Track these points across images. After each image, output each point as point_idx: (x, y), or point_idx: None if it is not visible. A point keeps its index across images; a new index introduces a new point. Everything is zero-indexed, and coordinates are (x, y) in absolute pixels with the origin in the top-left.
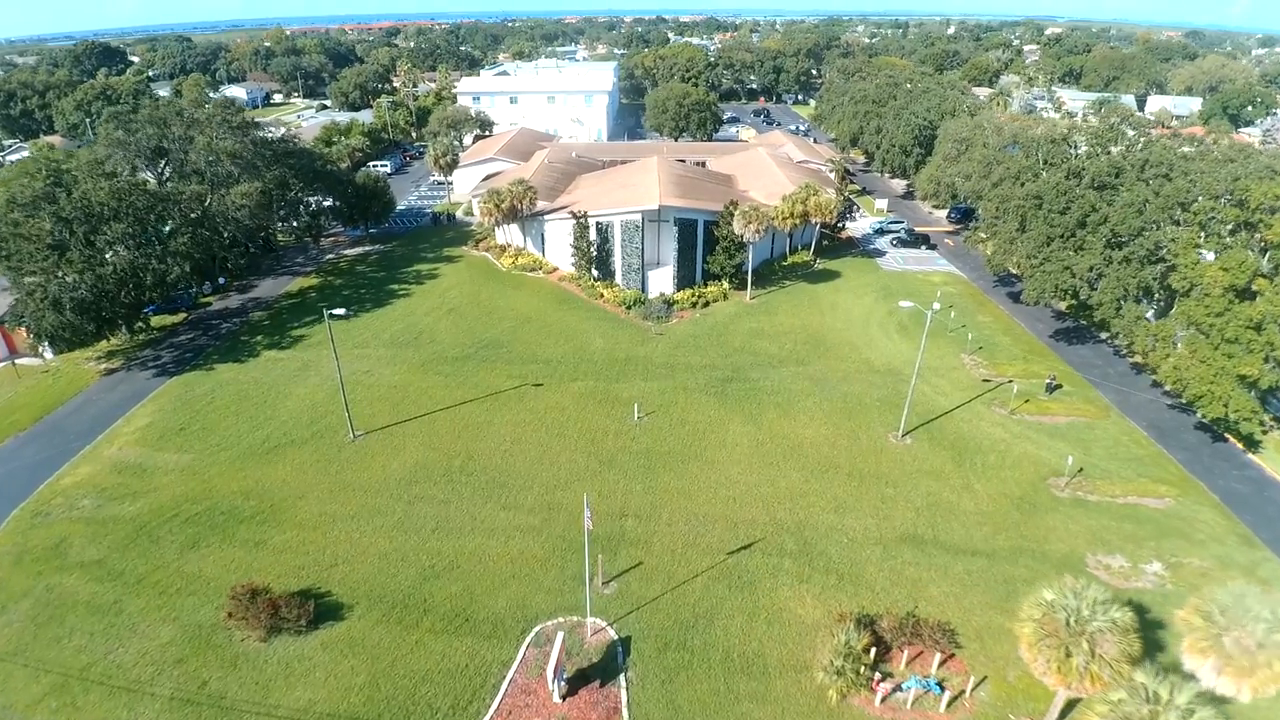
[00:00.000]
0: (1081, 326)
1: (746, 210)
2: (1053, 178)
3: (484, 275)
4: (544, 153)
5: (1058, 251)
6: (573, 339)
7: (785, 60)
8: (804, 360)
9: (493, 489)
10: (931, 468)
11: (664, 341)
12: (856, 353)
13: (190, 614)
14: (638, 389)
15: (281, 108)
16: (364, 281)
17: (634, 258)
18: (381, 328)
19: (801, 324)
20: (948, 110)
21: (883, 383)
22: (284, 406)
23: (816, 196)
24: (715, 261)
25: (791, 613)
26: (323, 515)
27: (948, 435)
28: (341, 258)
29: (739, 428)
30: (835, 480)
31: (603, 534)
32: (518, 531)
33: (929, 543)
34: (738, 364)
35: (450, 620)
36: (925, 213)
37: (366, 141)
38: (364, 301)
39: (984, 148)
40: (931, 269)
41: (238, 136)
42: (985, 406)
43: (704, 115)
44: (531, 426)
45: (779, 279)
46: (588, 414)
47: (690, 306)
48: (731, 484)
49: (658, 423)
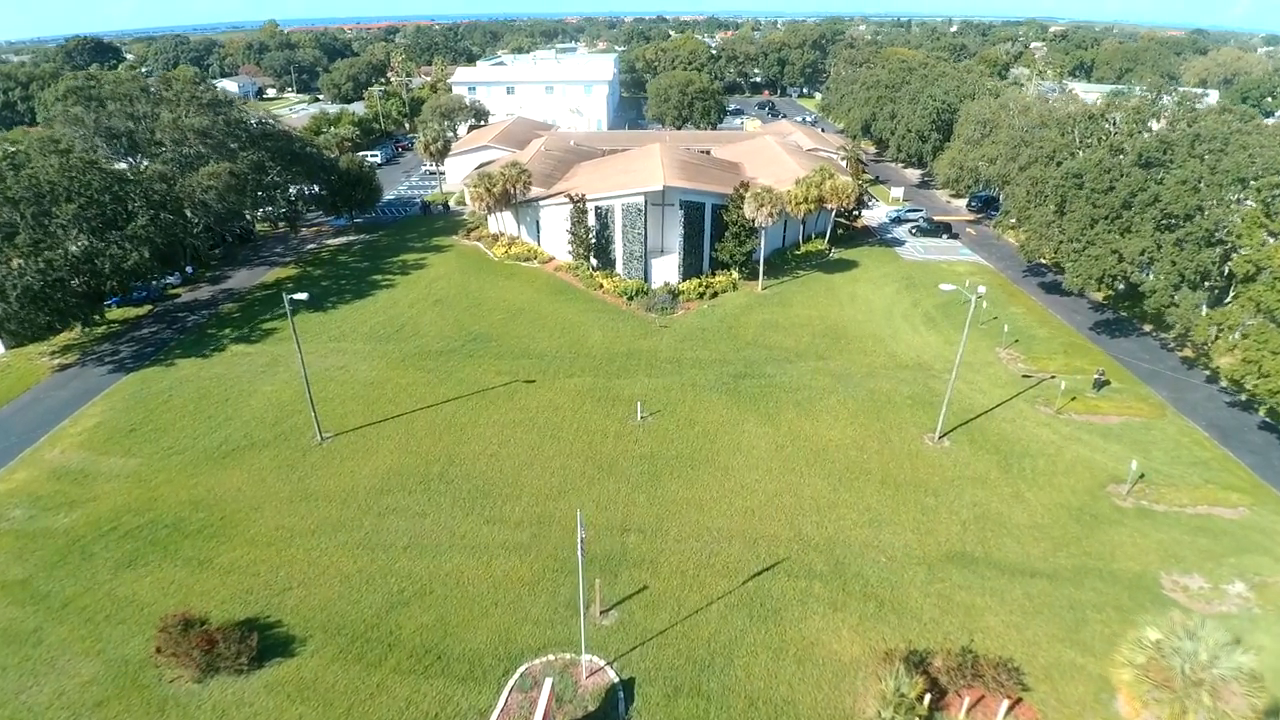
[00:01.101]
0: (1123, 318)
1: (759, 192)
2: (1094, 155)
3: (474, 265)
4: (540, 141)
5: (1103, 234)
6: (569, 332)
7: (790, 52)
8: (824, 354)
9: (475, 499)
10: (975, 473)
11: (669, 334)
12: (881, 346)
13: (118, 646)
14: (640, 386)
15: (274, 102)
16: (345, 272)
17: (636, 245)
18: (360, 320)
19: (819, 316)
20: (967, 93)
21: (912, 379)
22: (247, 405)
23: (833, 180)
24: (724, 249)
25: (825, 648)
26: (279, 529)
27: (990, 437)
28: (324, 247)
29: (755, 429)
30: (867, 488)
31: (601, 553)
32: (502, 549)
33: (980, 562)
34: (751, 358)
35: (419, 658)
36: (943, 202)
37: (356, 131)
38: (343, 293)
39: (1010, 129)
40: (955, 259)
41: (208, 114)
42: (1028, 405)
43: (708, 104)
44: (521, 427)
45: (792, 269)
46: (585, 413)
47: (697, 297)
48: (749, 493)
49: (663, 423)
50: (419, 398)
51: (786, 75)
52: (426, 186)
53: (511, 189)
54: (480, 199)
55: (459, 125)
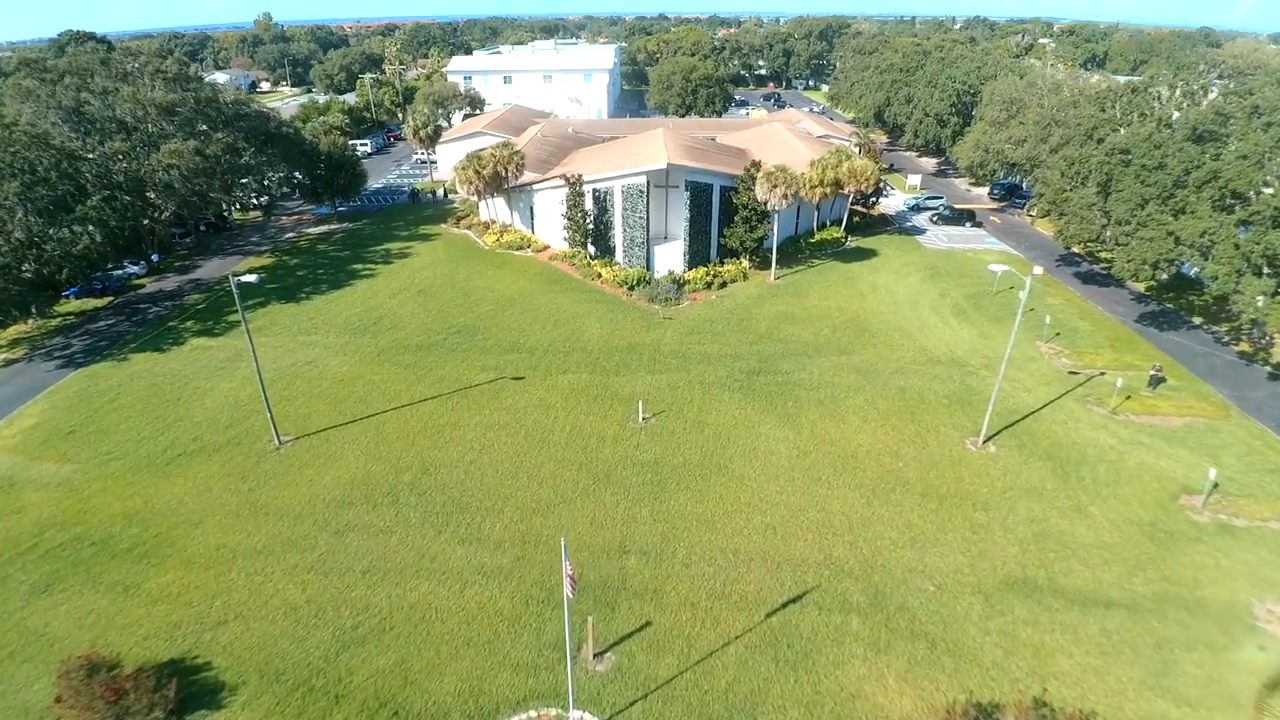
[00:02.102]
0: (1168, 310)
1: (772, 172)
2: (1142, 128)
3: (463, 254)
4: (536, 127)
5: (1155, 215)
6: (563, 324)
7: (795, 43)
8: (847, 348)
9: (450, 514)
10: (1028, 484)
11: (674, 327)
12: (909, 340)
13: (19, 691)
14: (642, 383)
15: (268, 96)
16: (323, 261)
17: (637, 230)
18: (336, 311)
19: (838, 307)
20: (988, 75)
21: (947, 375)
22: (201, 404)
23: (850, 161)
24: (733, 235)
25: (869, 701)
26: (220, 549)
27: (1040, 441)
28: (303, 236)
29: (773, 431)
30: (906, 502)
31: (596, 580)
32: (479, 575)
33: (1045, 590)
34: (765, 353)
35: (372, 713)
36: (962, 190)
37: (345, 120)
38: (319, 283)
39: (1039, 109)
40: (982, 248)
41: (175, 90)
42: (1079, 404)
43: (713, 91)
44: (507, 430)
45: (806, 258)
46: (579, 414)
47: (704, 287)
48: (768, 507)
49: (668, 425)
50: (393, 396)
51: (792, 67)
52: (417, 176)
53: (503, 171)
54: (469, 182)
55: (453, 114)
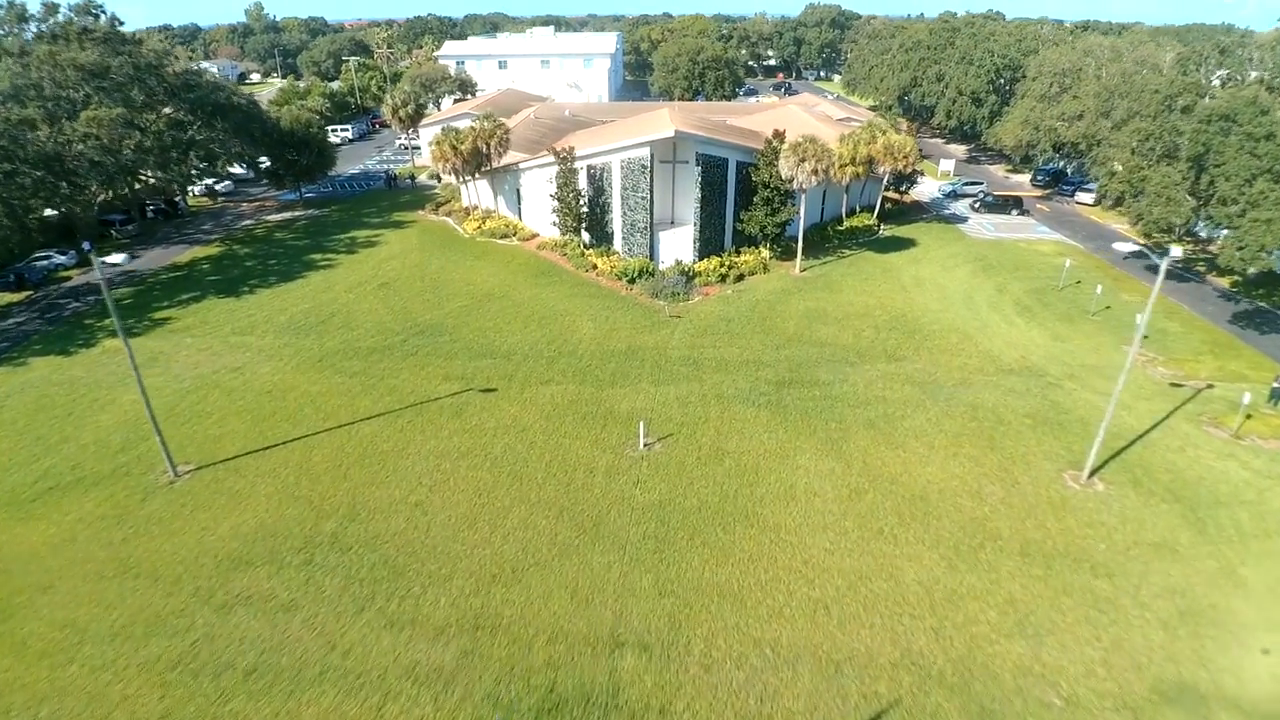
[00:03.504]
0: (1263, 309)
1: (800, 143)
2: (1243, 91)
3: (439, 243)
4: (530, 110)
5: (1267, 192)
6: (549, 323)
7: (806, 31)
8: (896, 354)
9: (379, 581)
10: (1156, 536)
11: (682, 327)
12: (970, 343)
13: None
14: (644, 397)
15: (257, 86)
16: (278, 250)
17: (639, 214)
18: (281, 307)
19: (878, 303)
20: (1029, 49)
21: (1024, 388)
22: (95, 421)
23: (886, 136)
24: (752, 219)
25: None
26: (67, 629)
27: (1157, 475)
28: (261, 223)
29: (814, 463)
30: (1002, 565)
31: (574, 691)
32: (407, 681)
33: (1211, 699)
34: (796, 359)
35: None
36: (1000, 177)
37: (327, 104)
38: (268, 275)
39: (1096, 80)
40: (1034, 237)
41: (106, 51)
42: (1192, 425)
43: (721, 74)
44: (468, 460)
45: (834, 247)
46: (563, 438)
47: (718, 280)
48: (816, 574)
49: (678, 453)
50: (330, 413)
51: (803, 56)
52: (399, 161)
53: (484, 148)
54: (445, 159)
55: (442, 99)
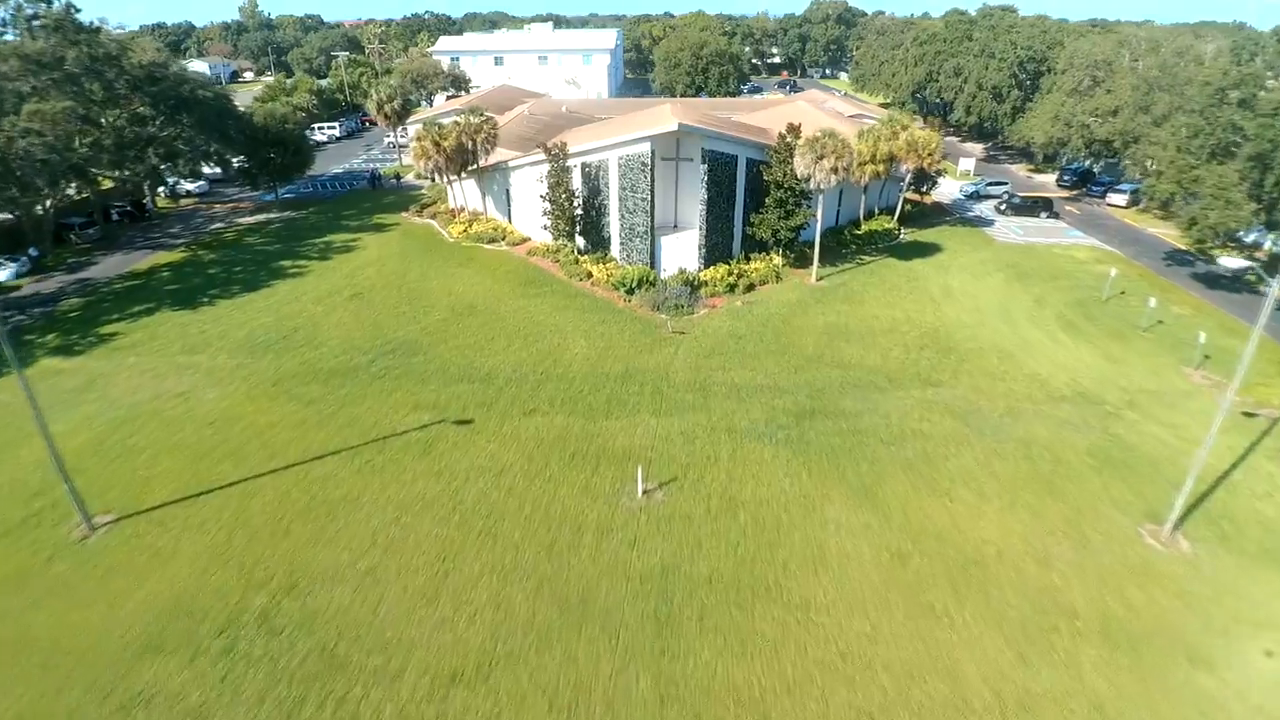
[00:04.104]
0: None
1: (818, 138)
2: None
3: (422, 247)
4: (525, 105)
5: None
6: (537, 340)
7: (812, 28)
8: (931, 377)
9: (312, 679)
10: (1261, 613)
11: (687, 345)
12: (1013, 364)
13: None
14: (643, 431)
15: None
16: (245, 256)
17: (639, 216)
18: (240, 321)
19: (906, 317)
20: (1054, 40)
21: (1080, 419)
22: (14, 457)
23: (909, 131)
24: (763, 223)
25: None
26: None
27: (1247, 529)
28: (233, 226)
29: (846, 515)
30: (1082, 654)
31: None
32: None
33: None
34: (817, 384)
35: None
36: (1022, 177)
37: (314, 101)
38: (231, 284)
39: (1133, 72)
40: (1067, 241)
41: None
42: (1274, 464)
43: (725, 69)
44: (433, 511)
45: (852, 253)
46: (547, 483)
47: (726, 290)
48: (858, 670)
49: (683, 504)
50: (278, 450)
51: (808, 54)
52: (387, 160)
53: (470, 144)
54: (426, 156)
55: (434, 95)
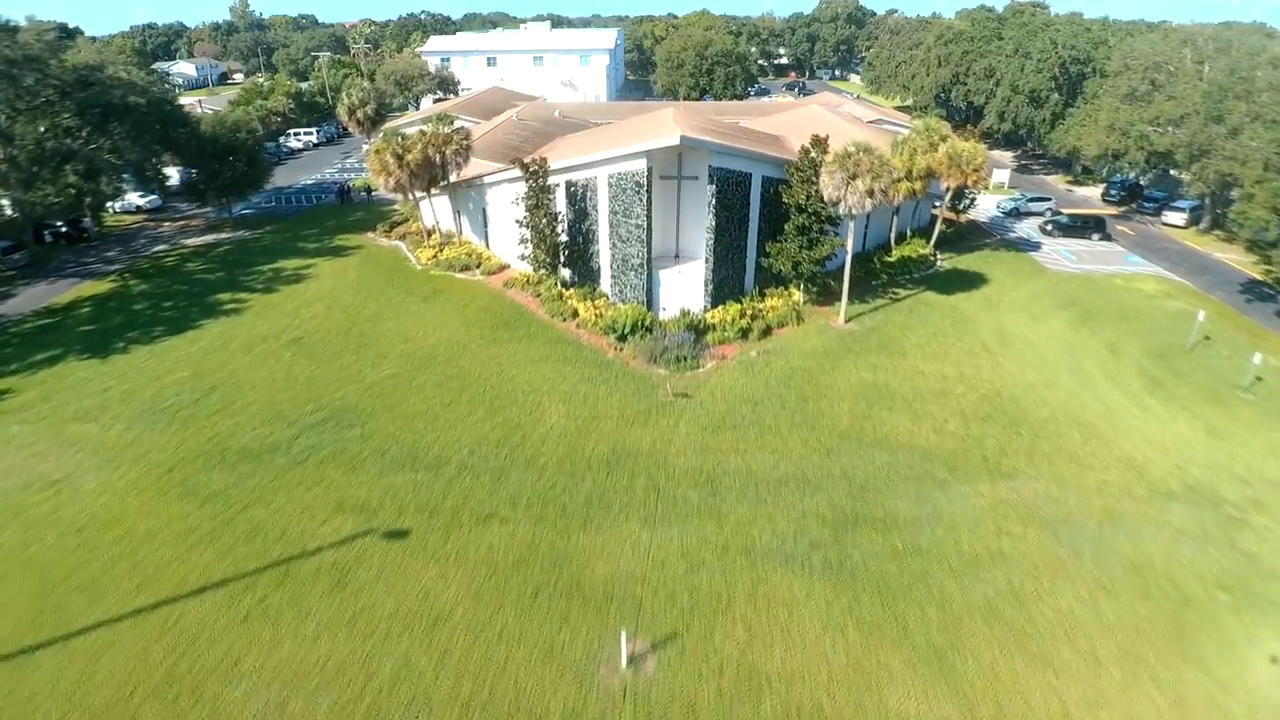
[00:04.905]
0: None
1: (850, 154)
2: None
3: (384, 277)
4: (513, 111)
5: None
6: (505, 405)
7: (821, 28)
8: (1002, 464)
9: None
10: None
11: (691, 414)
12: (1100, 443)
13: None
14: (631, 551)
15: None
16: (182, 287)
17: (634, 245)
18: (152, 375)
19: (959, 373)
20: (1099, 39)
21: (1197, 527)
22: None
23: (950, 143)
24: (781, 254)
25: None
26: None
27: None
28: (178, 248)
29: (910, 701)
30: None
31: None
32: None
33: None
34: (858, 473)
35: None
36: (1061, 190)
37: (291, 104)
38: (155, 324)
39: (1198, 78)
40: (1127, 269)
41: None
42: None
43: (732, 70)
44: (333, 692)
45: (883, 285)
46: (497, 644)
47: (738, 336)
48: None
49: (683, 683)
50: (150, 574)
51: (817, 54)
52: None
53: (438, 156)
54: (386, 171)
55: (422, 98)
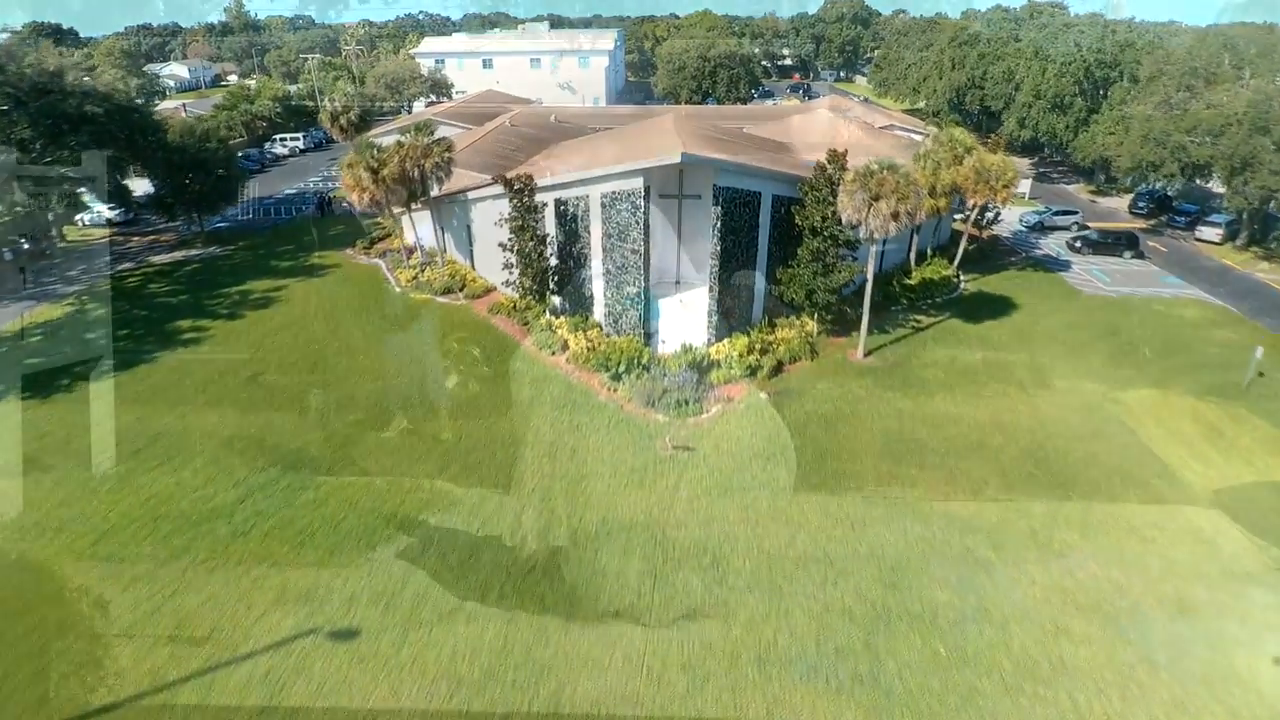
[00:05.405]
0: None
1: (874, 172)
2: None
3: (358, 301)
4: (505, 116)
5: None
6: (482, 463)
7: (826, 28)
8: (1054, 538)
9: None
10: None
11: (693, 472)
12: (1161, 510)
13: None
14: (623, 660)
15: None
16: (140, 313)
17: (630, 273)
18: (94, 418)
19: (993, 420)
20: (1126, 42)
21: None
22: None
23: (978, 156)
24: (794, 279)
25: None
26: None
27: None
28: (144, 265)
29: None
30: None
31: None
32: None
33: None
34: (887, 550)
35: None
36: (1084, 200)
37: (276, 108)
38: (103, 359)
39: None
40: (1166, 293)
41: None
42: None
43: (735, 73)
44: None
45: (903, 311)
46: None
47: (746, 374)
48: None
49: None
50: (58, 686)
51: (822, 55)
52: None
53: (415, 171)
54: (360, 187)
55: (413, 102)
